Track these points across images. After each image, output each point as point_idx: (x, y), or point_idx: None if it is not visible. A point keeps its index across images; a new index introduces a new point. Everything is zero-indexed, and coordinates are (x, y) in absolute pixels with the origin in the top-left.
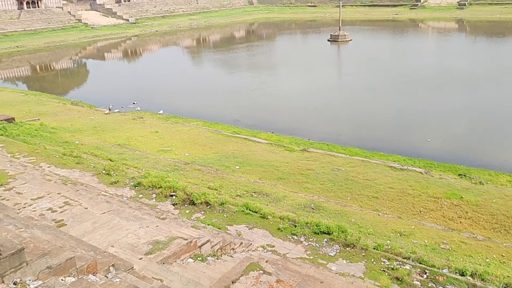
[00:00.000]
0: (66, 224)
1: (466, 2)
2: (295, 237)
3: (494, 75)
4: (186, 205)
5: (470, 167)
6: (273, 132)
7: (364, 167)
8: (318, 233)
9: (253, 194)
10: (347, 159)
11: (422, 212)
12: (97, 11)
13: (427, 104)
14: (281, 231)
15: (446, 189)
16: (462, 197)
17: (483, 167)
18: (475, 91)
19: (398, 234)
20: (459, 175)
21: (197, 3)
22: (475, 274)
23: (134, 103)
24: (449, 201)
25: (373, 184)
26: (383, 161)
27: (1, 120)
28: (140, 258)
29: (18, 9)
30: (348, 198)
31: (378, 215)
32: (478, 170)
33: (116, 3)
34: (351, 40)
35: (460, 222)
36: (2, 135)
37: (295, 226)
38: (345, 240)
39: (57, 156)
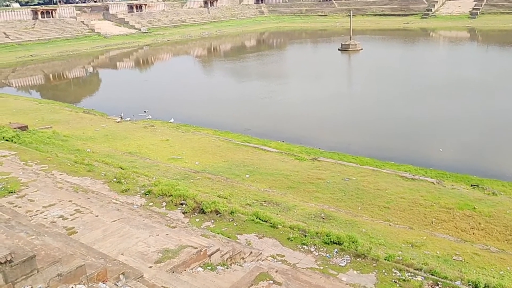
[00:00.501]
0: (77, 232)
1: (478, 11)
2: (305, 247)
3: (506, 85)
4: (196, 214)
5: (483, 178)
6: (283, 141)
7: (375, 176)
8: (328, 243)
9: (263, 203)
10: (358, 168)
11: (434, 223)
12: (110, 20)
13: (439, 114)
14: (291, 240)
15: (459, 199)
16: (475, 208)
17: (496, 177)
18: (487, 101)
19: (410, 245)
20: (471, 185)
21: (208, 13)
22: (489, 286)
23: (145, 112)
24: (462, 212)
25: (384, 194)
26: (394, 170)
27: (15, 128)
28: (150, 267)
29: (33, 19)
30: (359, 208)
31: (389, 225)
32: (491, 180)
33: (128, 13)
34: (361, 49)
35: (473, 233)
36: (15, 142)
37: (305, 235)
38: (356, 250)
39: (68, 164)
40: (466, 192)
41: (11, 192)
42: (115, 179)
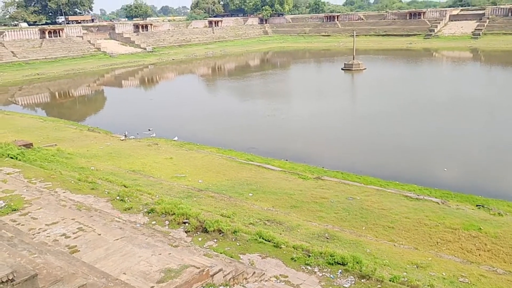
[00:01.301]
0: (79, 250)
1: (481, 32)
2: (309, 267)
3: (511, 104)
4: (198, 233)
5: (488, 198)
6: (286, 160)
7: (379, 196)
8: (332, 264)
9: (266, 222)
10: (362, 187)
11: (439, 244)
12: (116, 40)
13: (443, 133)
14: (295, 261)
15: (464, 220)
16: (480, 228)
17: (501, 197)
18: (492, 120)
19: (415, 266)
20: (476, 205)
21: (213, 33)
22: None
23: (149, 130)
24: (467, 233)
25: (388, 214)
26: (399, 190)
27: (20, 146)
28: (152, 286)
29: (40, 38)
30: (363, 228)
31: (394, 245)
32: (497, 201)
33: (134, 32)
34: (365, 68)
35: (479, 255)
36: (20, 160)
37: (309, 256)
38: (360, 271)
39: (72, 182)
40: (471, 213)
41: (15, 210)
42: (118, 197)
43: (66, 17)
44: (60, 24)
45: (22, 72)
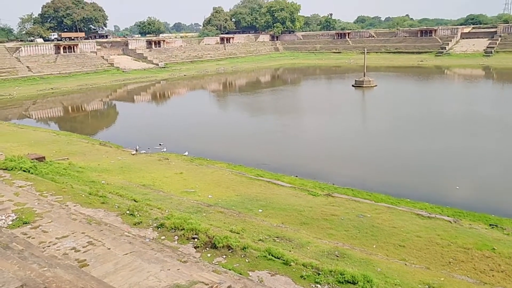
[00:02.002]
0: (88, 265)
1: (493, 50)
2: (319, 285)
3: None
4: (207, 248)
5: (502, 217)
6: (296, 176)
7: (390, 214)
8: (342, 282)
9: (276, 238)
10: (373, 205)
11: (451, 263)
12: (129, 55)
13: (455, 150)
14: (304, 279)
15: (477, 239)
16: (494, 248)
17: None
18: (505, 138)
19: (427, 286)
20: (490, 225)
21: (225, 49)
22: None
23: (160, 144)
24: (480, 253)
25: (399, 232)
26: (410, 208)
27: (32, 159)
28: None
29: (55, 53)
30: (374, 246)
31: (405, 264)
32: (511, 220)
33: (147, 48)
34: (376, 85)
35: (493, 275)
36: (32, 173)
37: (319, 274)
38: None
39: (83, 195)
40: (484, 232)
41: (26, 223)
42: (128, 212)
43: (59, 33)
44: (53, 40)
45: (36, 87)
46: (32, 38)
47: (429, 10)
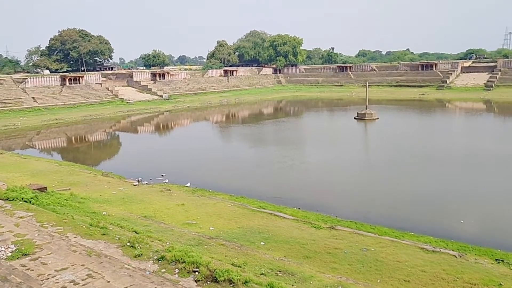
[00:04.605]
0: None
1: (493, 84)
2: None
3: None
4: (208, 282)
5: (508, 252)
6: (299, 208)
7: (394, 247)
8: None
9: (278, 272)
10: (376, 238)
11: None
12: (133, 87)
13: (458, 184)
14: None
15: (483, 275)
16: (501, 284)
17: None
18: (509, 172)
19: None
20: (496, 260)
21: (228, 82)
22: None
23: (162, 175)
24: None
25: (404, 267)
26: (414, 242)
27: (34, 189)
28: None
29: (61, 85)
30: (378, 281)
31: None
32: None
33: (151, 80)
34: (378, 118)
35: None
36: (33, 204)
37: None
38: None
39: (84, 227)
40: (490, 267)
41: (25, 255)
42: (128, 243)
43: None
44: (37, 73)
45: (41, 117)
46: (38, 69)
47: (429, 44)
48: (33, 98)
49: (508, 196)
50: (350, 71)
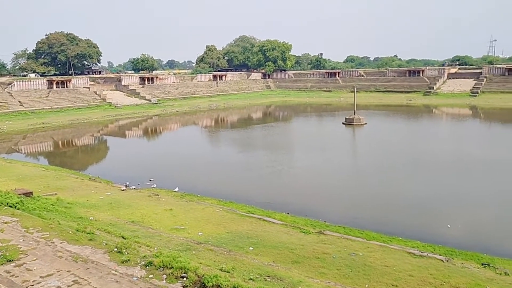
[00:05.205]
0: None
1: (479, 90)
2: None
3: None
4: None
5: (494, 256)
6: (288, 213)
7: (382, 252)
8: None
9: (267, 278)
10: (365, 243)
11: None
12: (122, 91)
13: (446, 189)
14: None
15: (470, 279)
16: None
17: (507, 256)
18: (495, 177)
19: None
20: (482, 264)
21: (217, 86)
22: None
23: (150, 180)
24: None
25: (391, 271)
26: (402, 246)
27: (20, 194)
28: None
29: (48, 88)
30: (366, 286)
31: None
32: (503, 259)
33: (140, 84)
34: (366, 123)
35: None
36: (19, 209)
37: None
38: None
39: (70, 232)
40: (477, 271)
41: (10, 261)
42: (116, 249)
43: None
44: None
45: (27, 121)
46: (25, 73)
47: (417, 50)
48: (19, 101)
49: (494, 201)
50: (338, 76)
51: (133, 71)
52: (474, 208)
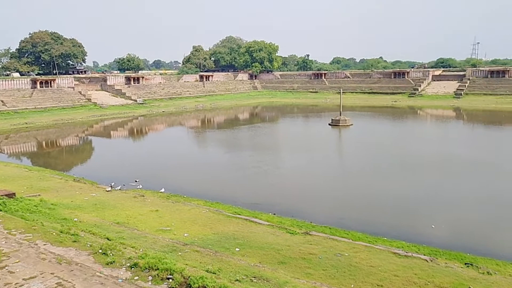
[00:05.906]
0: None
1: (462, 92)
2: None
3: (496, 161)
4: None
5: (477, 256)
6: (274, 214)
7: (368, 253)
8: None
9: (253, 278)
10: (350, 244)
11: None
12: (107, 91)
13: (430, 189)
14: None
15: (453, 278)
16: (470, 287)
17: (490, 256)
18: (478, 178)
19: None
20: (465, 264)
21: (204, 87)
22: None
23: (136, 181)
24: None
25: (377, 272)
26: (387, 247)
27: (1, 195)
28: None
29: (32, 88)
30: (352, 286)
31: None
32: (485, 259)
33: (125, 84)
34: (352, 124)
35: None
36: (0, 210)
37: None
38: None
39: (54, 234)
40: (460, 271)
41: None
42: (100, 251)
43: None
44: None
45: (10, 121)
46: (8, 72)
47: (402, 52)
48: (2, 101)
49: (477, 202)
50: (325, 78)
51: (118, 71)
52: (457, 208)
